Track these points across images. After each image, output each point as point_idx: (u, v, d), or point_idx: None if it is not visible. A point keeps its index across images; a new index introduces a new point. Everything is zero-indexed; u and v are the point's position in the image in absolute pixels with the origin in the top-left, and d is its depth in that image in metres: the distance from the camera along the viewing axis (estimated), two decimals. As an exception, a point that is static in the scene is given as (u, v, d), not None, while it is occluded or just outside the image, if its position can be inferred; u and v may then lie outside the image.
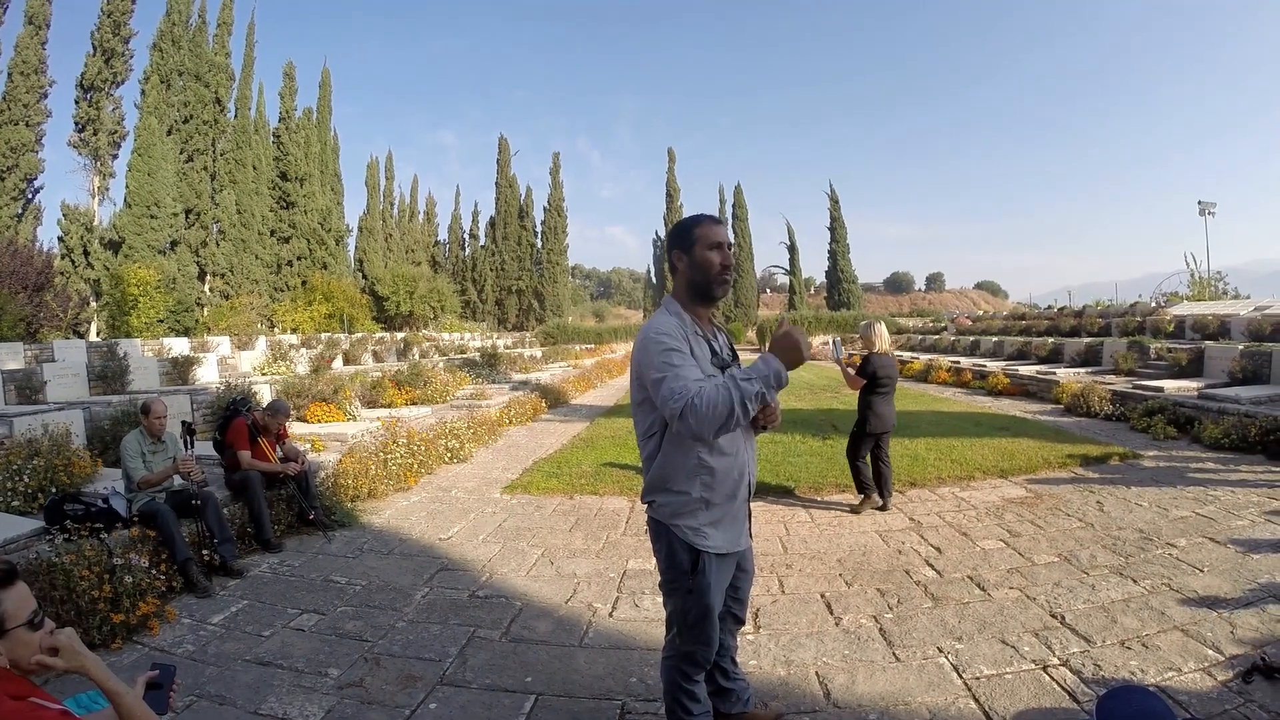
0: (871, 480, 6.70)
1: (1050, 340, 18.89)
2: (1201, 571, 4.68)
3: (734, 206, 56.95)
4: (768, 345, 2.43)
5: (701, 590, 2.57)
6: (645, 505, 2.71)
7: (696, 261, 2.58)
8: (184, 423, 5.59)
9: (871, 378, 6.60)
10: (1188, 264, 25.44)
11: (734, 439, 2.58)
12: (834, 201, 55.37)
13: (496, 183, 53.46)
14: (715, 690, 2.99)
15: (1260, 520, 5.69)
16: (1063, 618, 4.11)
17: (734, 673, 3.03)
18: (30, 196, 27.96)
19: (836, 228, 55.30)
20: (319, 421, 10.35)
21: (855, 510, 6.63)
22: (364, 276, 42.49)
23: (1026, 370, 16.11)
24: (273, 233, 35.36)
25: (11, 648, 1.86)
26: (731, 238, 2.66)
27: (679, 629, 2.67)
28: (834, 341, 6.00)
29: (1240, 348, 11.93)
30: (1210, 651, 3.57)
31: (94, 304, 27.18)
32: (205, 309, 31.01)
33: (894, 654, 3.80)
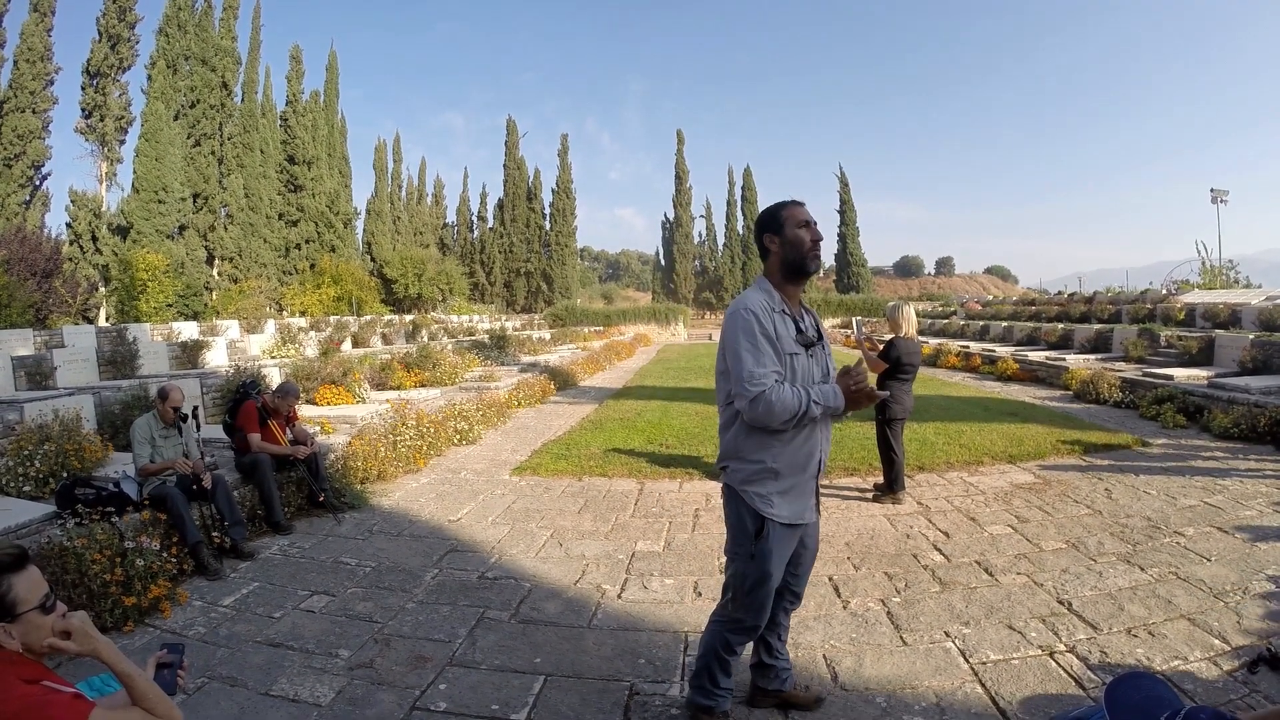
0: (902, 474, 6.46)
1: (1060, 326, 18.81)
2: (1209, 560, 4.67)
3: (743, 189, 56.78)
4: (846, 383, 2.63)
5: (763, 556, 2.68)
6: (720, 470, 2.83)
7: (789, 239, 2.72)
8: (178, 411, 5.59)
9: (895, 363, 6.36)
10: (1199, 252, 25.22)
11: None
12: (844, 185, 55.08)
13: (504, 165, 53.36)
14: (757, 664, 3.09)
15: (1268, 510, 5.66)
16: (1070, 604, 4.11)
17: (779, 650, 3.09)
18: (38, 183, 28.14)
19: (846, 211, 55.05)
20: (328, 404, 10.39)
21: (877, 499, 6.43)
22: (372, 259, 42.58)
23: (1036, 356, 16.04)
24: (281, 216, 35.45)
25: (24, 631, 1.87)
26: (741, 220, 2.76)
27: (734, 594, 2.79)
28: (855, 322, 5.94)
29: (1251, 337, 11.84)
30: (1216, 641, 3.57)
31: (103, 289, 27.31)
32: (214, 293, 31.14)
33: (901, 638, 3.82)
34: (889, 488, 6.45)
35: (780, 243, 2.73)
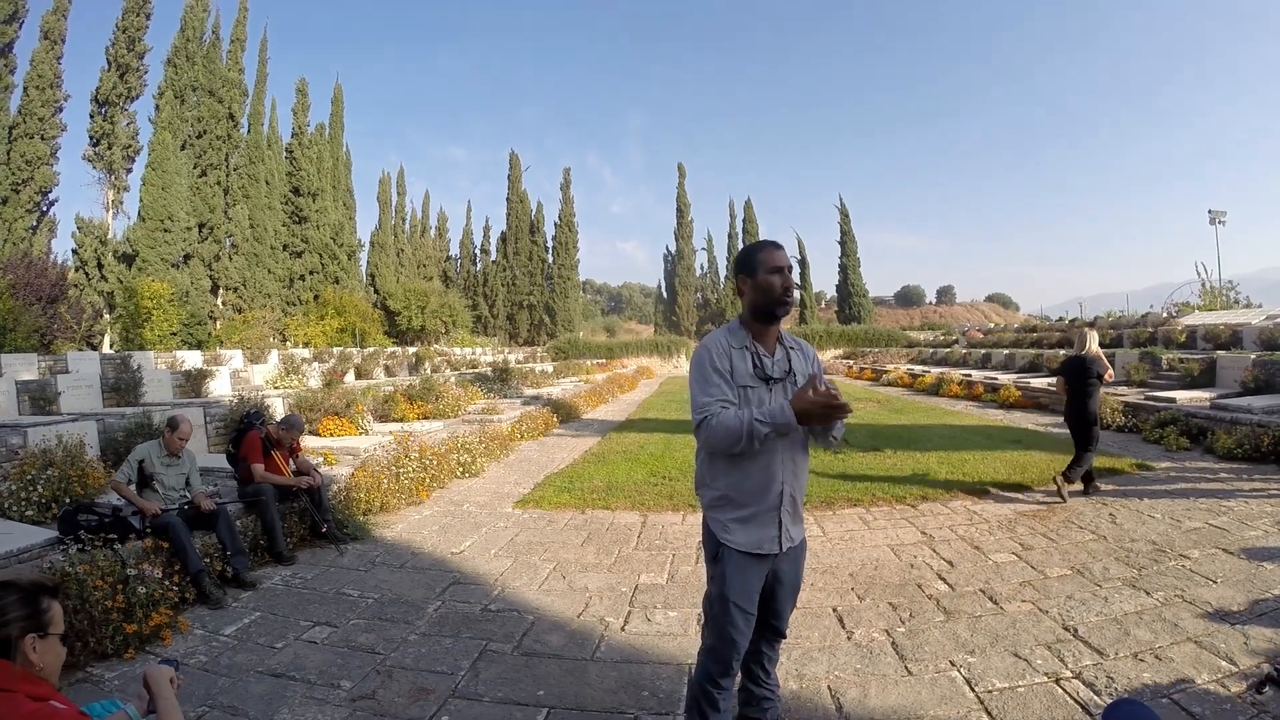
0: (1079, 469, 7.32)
1: (1062, 352, 18.78)
2: (1214, 583, 4.65)
3: (744, 221, 57.08)
4: (804, 394, 2.53)
5: (722, 579, 2.74)
6: (697, 495, 2.93)
7: (760, 285, 2.74)
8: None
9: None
10: (1199, 273, 25.33)
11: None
12: (844, 215, 55.36)
13: (507, 198, 53.73)
14: (743, 688, 3.08)
15: (1273, 531, 5.65)
16: (1075, 630, 4.09)
17: (765, 681, 3.05)
18: (45, 209, 28.35)
19: (847, 241, 55.27)
20: (331, 435, 10.41)
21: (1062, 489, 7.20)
22: (376, 291, 42.78)
23: (1038, 383, 16.04)
24: (285, 247, 35.66)
25: (44, 651, 1.94)
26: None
27: (706, 616, 2.86)
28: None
29: (1252, 357, 11.88)
30: (1223, 663, 3.56)
31: (107, 316, 27.45)
32: (218, 322, 31.30)
33: (906, 667, 3.79)
34: (1072, 476, 7.26)
35: (752, 286, 2.77)
